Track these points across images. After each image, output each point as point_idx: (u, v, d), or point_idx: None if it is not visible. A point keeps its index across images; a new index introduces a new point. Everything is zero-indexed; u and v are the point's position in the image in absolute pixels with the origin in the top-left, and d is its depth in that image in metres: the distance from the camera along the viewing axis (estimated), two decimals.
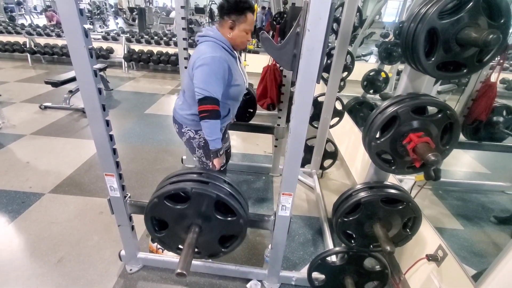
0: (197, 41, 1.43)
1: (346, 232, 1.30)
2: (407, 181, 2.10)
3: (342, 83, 4.42)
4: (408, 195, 1.18)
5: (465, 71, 0.85)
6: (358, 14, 2.77)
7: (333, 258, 1.55)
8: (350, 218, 1.21)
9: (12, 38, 6.24)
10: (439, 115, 0.95)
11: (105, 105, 1.22)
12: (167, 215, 1.20)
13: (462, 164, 2.96)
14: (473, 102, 2.18)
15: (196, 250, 1.31)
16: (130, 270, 1.67)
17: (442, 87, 3.87)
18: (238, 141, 3.42)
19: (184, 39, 2.24)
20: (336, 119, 2.76)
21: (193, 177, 1.15)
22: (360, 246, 1.29)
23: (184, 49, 2.29)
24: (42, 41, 6.30)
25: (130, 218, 1.54)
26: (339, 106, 2.77)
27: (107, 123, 1.25)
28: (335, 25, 2.80)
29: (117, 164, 1.36)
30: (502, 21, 0.77)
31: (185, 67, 2.39)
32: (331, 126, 2.72)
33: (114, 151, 1.33)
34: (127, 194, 1.48)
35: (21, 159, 2.71)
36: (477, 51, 0.82)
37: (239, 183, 2.61)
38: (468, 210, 2.33)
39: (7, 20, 9.37)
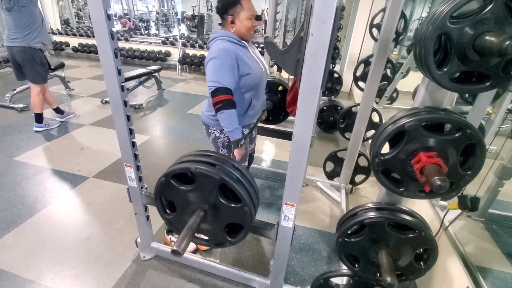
0: (209, 47, 1.47)
1: (351, 254, 1.19)
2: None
3: (394, 95, 4.11)
4: (423, 223, 1.03)
5: (487, 84, 0.72)
6: (402, 19, 2.55)
7: (339, 281, 1.43)
8: (353, 240, 1.11)
9: (90, 41, 7.25)
10: (457, 134, 0.81)
11: (127, 101, 1.32)
12: (174, 197, 1.21)
13: None
14: None
15: (204, 237, 1.33)
16: (144, 257, 1.77)
17: None
18: (269, 146, 3.41)
19: None
20: (372, 132, 2.57)
21: (201, 159, 1.14)
22: (365, 272, 1.17)
23: None
24: None
25: (146, 208, 1.64)
26: (376, 119, 2.57)
27: (128, 117, 1.36)
28: (375, 32, 2.62)
29: (136, 156, 1.47)
30: None
31: None
32: (366, 139, 2.54)
33: (133, 144, 1.44)
34: (144, 185, 1.58)
35: (77, 145, 3.11)
36: (502, 61, 0.68)
37: (263, 189, 2.60)
38: None
39: (90, 25, 10.88)
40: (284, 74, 4.28)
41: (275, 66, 5.00)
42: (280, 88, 2.22)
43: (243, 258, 1.83)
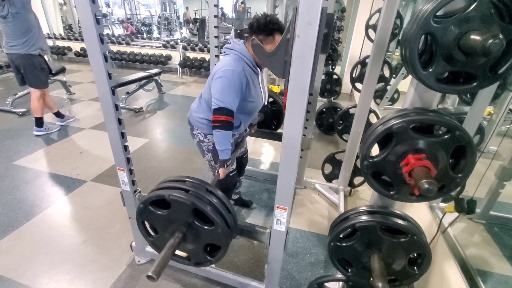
0: (224, 52, 1.48)
1: (344, 258, 1.17)
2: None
3: (395, 96, 4.07)
4: (415, 227, 1.01)
5: (474, 84, 0.70)
6: (398, 19, 2.52)
7: (335, 286, 1.41)
8: (345, 244, 1.08)
9: None
10: (446, 136, 0.79)
11: (118, 105, 1.32)
12: (154, 221, 1.26)
13: None
14: None
15: (186, 256, 1.34)
16: (138, 261, 1.76)
17: None
18: (268, 148, 3.39)
19: (216, 46, 2.32)
20: None
21: (176, 185, 1.18)
22: (358, 277, 1.15)
23: (216, 56, 2.37)
24: (114, 48, 7.23)
25: None
26: (374, 120, 2.55)
27: (120, 121, 1.35)
28: (372, 33, 2.60)
29: (128, 160, 1.46)
30: None
31: None
32: None
33: (125, 147, 1.43)
34: (138, 189, 1.58)
35: (77, 149, 3.12)
36: (489, 60, 0.66)
37: (261, 191, 2.58)
38: None
39: None
40: None
41: None
42: (270, 100, 2.28)
43: (239, 262, 1.81)
